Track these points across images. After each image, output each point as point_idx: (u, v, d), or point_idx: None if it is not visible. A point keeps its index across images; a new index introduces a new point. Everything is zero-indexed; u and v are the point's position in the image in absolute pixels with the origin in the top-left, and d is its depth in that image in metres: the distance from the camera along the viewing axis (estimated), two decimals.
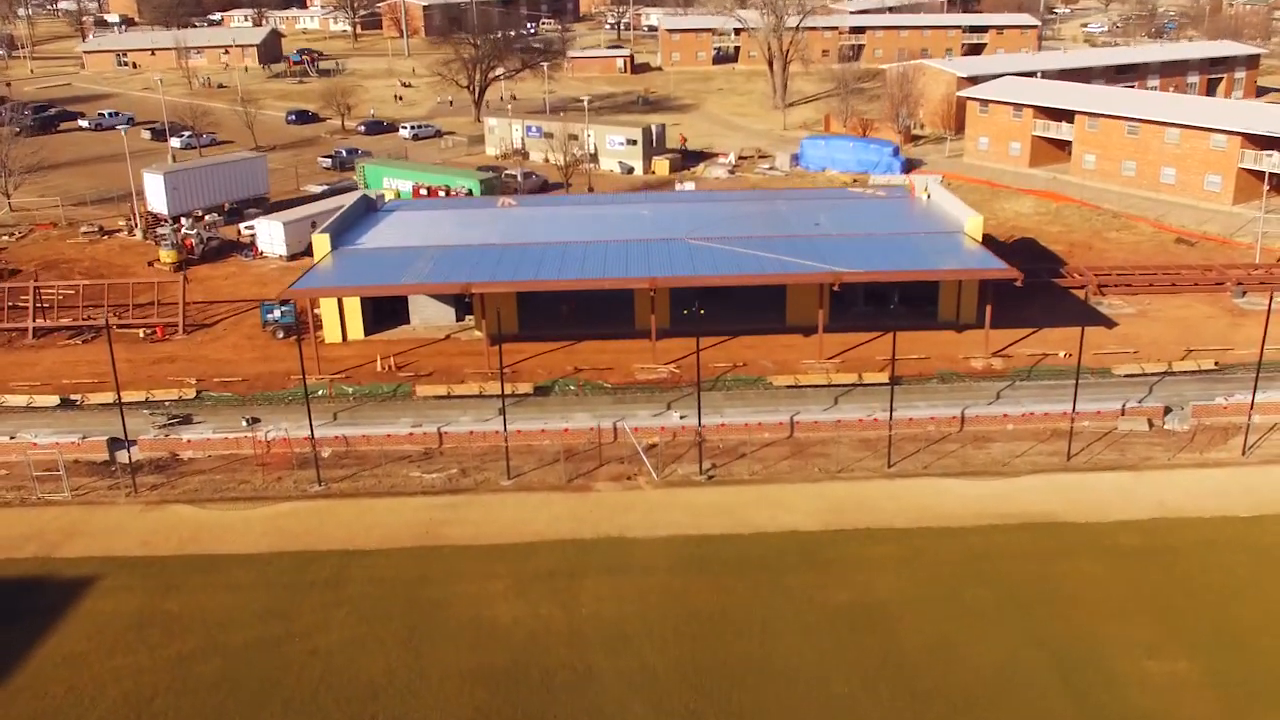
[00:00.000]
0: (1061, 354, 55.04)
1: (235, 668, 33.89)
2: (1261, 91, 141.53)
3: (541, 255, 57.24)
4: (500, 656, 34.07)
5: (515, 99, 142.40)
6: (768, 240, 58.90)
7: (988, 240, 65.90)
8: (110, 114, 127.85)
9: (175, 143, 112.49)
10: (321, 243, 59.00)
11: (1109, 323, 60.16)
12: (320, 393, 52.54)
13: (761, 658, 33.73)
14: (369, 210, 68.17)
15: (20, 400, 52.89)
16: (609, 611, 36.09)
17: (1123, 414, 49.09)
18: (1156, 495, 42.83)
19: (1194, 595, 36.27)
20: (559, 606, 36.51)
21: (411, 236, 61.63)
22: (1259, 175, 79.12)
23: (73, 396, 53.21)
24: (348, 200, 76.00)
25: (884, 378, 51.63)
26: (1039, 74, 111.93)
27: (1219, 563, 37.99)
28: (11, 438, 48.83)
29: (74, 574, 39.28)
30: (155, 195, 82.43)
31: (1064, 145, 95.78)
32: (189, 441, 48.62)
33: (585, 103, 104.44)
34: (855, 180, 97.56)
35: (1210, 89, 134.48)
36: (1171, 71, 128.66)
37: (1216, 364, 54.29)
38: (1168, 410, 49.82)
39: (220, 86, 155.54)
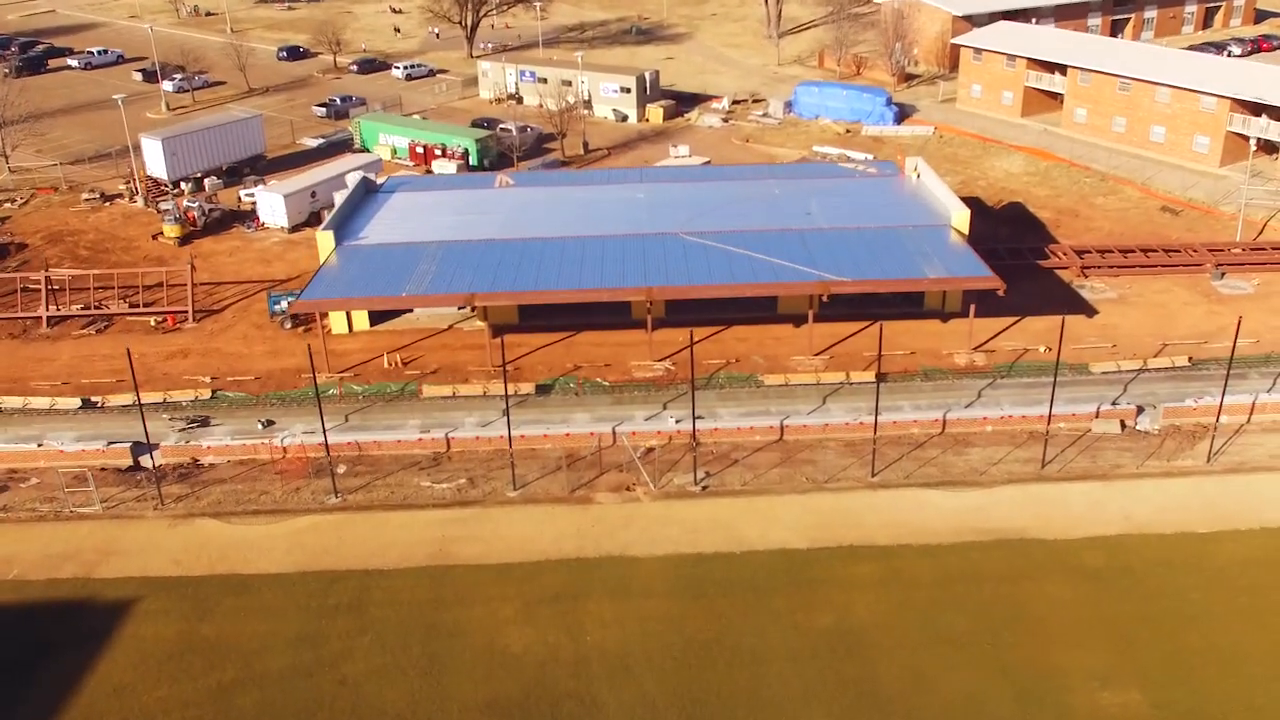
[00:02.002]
0: (1042, 349, 57.35)
1: (272, 699, 37.09)
2: (1261, 16, 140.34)
3: (541, 255, 58.93)
4: (513, 687, 37.28)
5: (508, 27, 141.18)
6: (761, 235, 60.55)
7: (977, 204, 67.73)
8: (99, 51, 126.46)
9: (167, 86, 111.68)
10: (325, 240, 60.45)
11: (1090, 310, 62.28)
12: (331, 392, 54.83)
13: (751, 688, 36.97)
14: (369, 193, 69.25)
15: (44, 403, 55.15)
16: (612, 639, 39.22)
17: (1097, 417, 51.68)
18: (1123, 509, 45.71)
19: (1148, 621, 39.42)
20: (565, 633, 39.62)
21: (413, 229, 63.03)
22: (1247, 138, 79.99)
23: (93, 398, 55.45)
24: (347, 169, 77.05)
25: (871, 376, 54.06)
26: (1034, 20, 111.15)
27: (1174, 586, 41.07)
28: (39, 445, 51.37)
29: (113, 596, 42.22)
30: (154, 160, 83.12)
31: (1057, 96, 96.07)
32: (209, 447, 51.14)
33: (579, 58, 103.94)
34: (848, 129, 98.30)
35: (1208, 17, 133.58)
36: (1170, 1, 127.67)
37: (1190, 359, 56.64)
38: (1140, 410, 52.40)
39: (208, 14, 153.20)
